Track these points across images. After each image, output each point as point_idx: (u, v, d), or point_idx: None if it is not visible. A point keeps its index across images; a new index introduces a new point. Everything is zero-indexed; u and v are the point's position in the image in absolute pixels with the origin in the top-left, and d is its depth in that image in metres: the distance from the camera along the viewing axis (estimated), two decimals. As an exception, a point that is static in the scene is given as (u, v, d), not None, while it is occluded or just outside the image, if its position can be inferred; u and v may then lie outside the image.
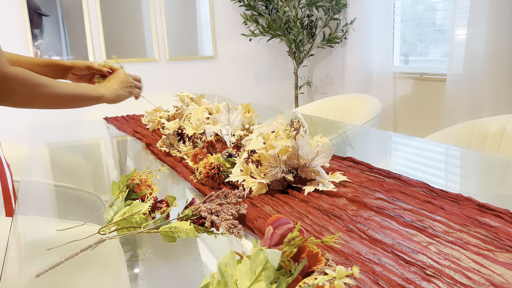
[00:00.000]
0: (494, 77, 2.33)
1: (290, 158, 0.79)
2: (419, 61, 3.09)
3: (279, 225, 0.44)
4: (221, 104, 1.27)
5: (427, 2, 2.93)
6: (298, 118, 0.93)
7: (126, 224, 0.64)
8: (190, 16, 3.38)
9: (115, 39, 3.12)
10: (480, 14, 2.33)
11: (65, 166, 1.27)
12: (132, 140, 1.42)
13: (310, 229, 0.63)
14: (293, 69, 3.61)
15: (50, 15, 2.89)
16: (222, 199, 0.69)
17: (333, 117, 2.09)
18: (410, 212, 0.67)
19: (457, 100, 2.54)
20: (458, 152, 1.15)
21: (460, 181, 0.92)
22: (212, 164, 0.85)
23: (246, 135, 1.17)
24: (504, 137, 1.29)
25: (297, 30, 3.26)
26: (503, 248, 0.55)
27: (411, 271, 0.50)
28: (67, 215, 0.84)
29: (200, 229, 0.64)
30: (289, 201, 0.75)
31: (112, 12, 3.09)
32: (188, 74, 3.39)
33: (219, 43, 3.45)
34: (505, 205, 0.67)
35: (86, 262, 0.59)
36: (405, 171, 0.94)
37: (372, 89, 3.22)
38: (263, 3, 3.35)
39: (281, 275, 0.41)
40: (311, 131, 1.44)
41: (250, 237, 0.65)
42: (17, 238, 0.70)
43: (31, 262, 0.62)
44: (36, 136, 1.61)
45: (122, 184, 0.72)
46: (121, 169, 1.12)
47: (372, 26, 3.16)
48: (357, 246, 0.57)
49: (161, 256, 0.61)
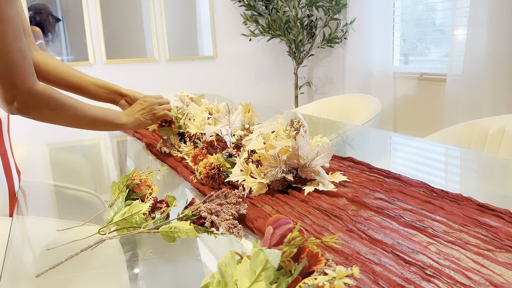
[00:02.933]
0: (494, 77, 2.33)
1: (290, 158, 0.79)
2: (419, 61, 3.09)
3: (279, 225, 0.44)
4: (221, 104, 1.27)
5: (427, 2, 2.93)
6: (298, 118, 0.93)
7: (126, 224, 0.64)
8: (190, 16, 3.38)
9: (115, 39, 3.12)
10: (480, 14, 2.33)
11: (65, 166, 1.28)
12: (132, 140, 1.42)
13: (310, 229, 0.63)
14: (293, 69, 3.61)
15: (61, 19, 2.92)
16: (222, 199, 0.69)
17: (333, 117, 2.09)
18: (410, 212, 0.67)
19: (457, 100, 2.54)
20: (458, 152, 1.15)
21: (460, 181, 0.92)
22: (212, 164, 0.85)
23: (246, 135, 1.17)
24: (504, 137, 1.29)
25: (297, 30, 3.26)
26: (503, 248, 0.55)
27: (411, 271, 0.50)
28: (67, 215, 0.84)
29: (200, 229, 0.64)
30: (289, 201, 0.75)
31: (112, 12, 3.09)
32: (188, 74, 3.39)
33: (219, 43, 3.45)
34: (505, 205, 0.67)
35: (86, 262, 0.59)
36: (405, 171, 0.94)
37: (372, 89, 3.22)
38: (263, 3, 3.35)
39: (281, 275, 0.41)
40: (311, 131, 1.44)
41: (250, 237, 0.65)
42: (17, 238, 0.70)
43: (31, 262, 0.62)
44: (36, 136, 1.61)
45: (122, 184, 0.72)
46: (121, 169, 1.12)
47: (372, 26, 3.16)
48: (357, 246, 0.57)
49: (161, 256, 0.61)
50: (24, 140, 1.65)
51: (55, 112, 0.82)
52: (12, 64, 0.72)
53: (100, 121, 0.92)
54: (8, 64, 0.72)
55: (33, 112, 0.79)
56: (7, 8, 0.69)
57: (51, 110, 0.81)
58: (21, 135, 1.82)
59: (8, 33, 0.70)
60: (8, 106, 0.76)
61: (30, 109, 0.78)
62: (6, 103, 0.76)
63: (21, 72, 0.74)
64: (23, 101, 0.76)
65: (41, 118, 0.82)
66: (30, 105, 0.78)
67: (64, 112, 0.84)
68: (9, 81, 0.73)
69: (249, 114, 1.24)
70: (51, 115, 0.83)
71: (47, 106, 0.80)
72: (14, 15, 0.71)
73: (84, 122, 0.89)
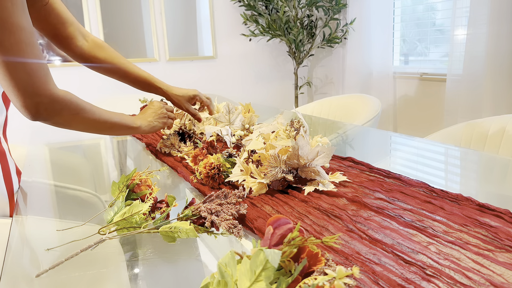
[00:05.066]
0: (494, 77, 2.33)
1: (290, 158, 0.79)
2: (419, 61, 3.09)
3: (279, 225, 0.44)
4: (221, 104, 1.27)
5: (427, 2, 2.93)
6: (298, 118, 0.93)
7: (126, 224, 0.64)
8: (190, 16, 3.38)
9: (115, 39, 3.12)
10: (480, 14, 2.33)
11: (65, 166, 1.28)
12: (132, 140, 1.42)
13: (310, 229, 0.63)
14: (293, 69, 3.61)
15: None
16: (222, 199, 0.69)
17: (333, 117, 2.09)
18: (410, 212, 0.67)
19: (457, 100, 2.54)
20: (458, 152, 1.15)
21: (460, 181, 0.92)
22: (212, 164, 0.85)
23: (246, 135, 1.18)
24: (504, 137, 1.29)
25: (297, 30, 3.26)
26: (503, 248, 0.55)
27: (411, 271, 0.50)
28: (67, 215, 0.84)
29: (200, 229, 0.64)
30: (289, 201, 0.75)
31: (112, 12, 3.09)
32: (188, 74, 3.39)
33: (219, 43, 3.45)
34: (505, 205, 0.67)
35: (86, 262, 0.59)
36: (405, 171, 0.94)
37: (372, 89, 3.22)
38: (263, 3, 3.35)
39: (281, 275, 0.41)
40: (311, 131, 1.44)
41: (250, 237, 0.65)
42: (17, 238, 0.70)
43: (31, 262, 0.62)
44: (36, 136, 1.61)
45: (122, 184, 0.72)
46: (121, 169, 1.12)
47: (372, 26, 3.16)
48: (357, 246, 0.57)
49: (161, 256, 0.61)
50: (24, 140, 1.65)
51: (75, 117, 0.83)
52: (31, 71, 0.72)
53: (117, 125, 0.94)
54: (27, 72, 0.72)
55: (55, 117, 0.80)
56: (18, 16, 0.69)
57: (72, 114, 0.82)
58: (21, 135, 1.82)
59: (22, 41, 0.70)
60: (31, 113, 0.76)
61: (53, 114, 0.79)
62: (28, 111, 0.76)
63: (42, 79, 0.74)
64: (47, 107, 0.77)
65: (62, 123, 0.83)
66: (53, 110, 0.78)
67: (83, 116, 0.85)
68: (31, 89, 0.73)
69: (249, 114, 1.24)
70: (72, 120, 0.83)
71: (68, 111, 0.81)
72: (25, 23, 0.71)
73: (102, 126, 0.90)
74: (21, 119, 1.03)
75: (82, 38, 1.07)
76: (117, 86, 1.85)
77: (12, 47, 0.70)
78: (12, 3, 0.68)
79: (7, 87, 0.73)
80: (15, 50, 0.70)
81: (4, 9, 0.67)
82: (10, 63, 0.70)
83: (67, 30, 1.04)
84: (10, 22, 0.68)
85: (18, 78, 0.72)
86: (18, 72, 0.71)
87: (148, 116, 1.06)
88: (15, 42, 0.70)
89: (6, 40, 0.69)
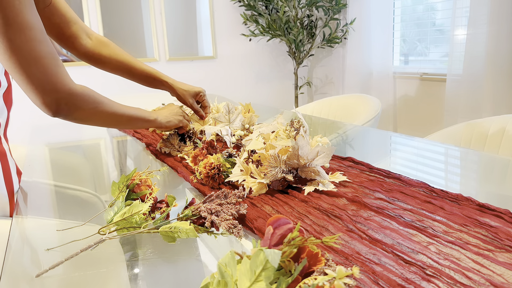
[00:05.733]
0: (494, 77, 2.34)
1: (290, 158, 0.79)
2: (419, 61, 3.09)
3: (279, 225, 0.44)
4: (221, 104, 1.27)
5: (427, 2, 2.93)
6: (298, 118, 0.93)
7: (126, 224, 0.64)
8: (190, 16, 3.38)
9: (115, 39, 3.11)
10: (480, 14, 2.33)
11: (65, 166, 1.28)
12: (132, 140, 1.42)
13: (310, 229, 0.63)
14: (293, 69, 3.61)
15: None
16: (222, 199, 0.69)
17: (333, 117, 2.09)
18: (410, 212, 0.67)
19: (457, 100, 2.54)
20: (458, 152, 1.15)
21: (460, 181, 0.92)
22: (212, 164, 0.85)
23: (246, 135, 1.18)
24: (504, 137, 1.29)
25: (297, 30, 3.26)
26: (503, 248, 0.55)
27: (411, 271, 0.50)
28: (67, 215, 0.84)
29: (200, 229, 0.64)
30: (289, 201, 0.75)
31: (112, 12, 3.09)
32: (188, 74, 3.39)
33: (219, 43, 3.45)
34: (505, 205, 0.67)
35: (86, 262, 0.59)
36: (405, 171, 0.94)
37: (372, 89, 3.22)
38: (263, 3, 3.35)
39: (281, 275, 0.41)
40: (311, 131, 1.44)
41: (250, 237, 0.65)
42: (17, 238, 0.70)
43: (31, 262, 0.62)
44: (36, 136, 1.61)
45: (122, 184, 0.72)
46: (121, 169, 1.12)
47: (372, 26, 3.16)
48: (357, 246, 0.57)
49: (161, 256, 0.61)
50: (24, 140, 1.65)
51: (95, 110, 0.83)
52: (47, 68, 0.72)
53: (135, 118, 0.95)
54: (43, 69, 0.72)
55: (76, 111, 0.80)
56: (27, 14, 0.69)
57: (92, 108, 0.82)
58: (21, 135, 1.82)
59: (33, 39, 0.70)
60: (51, 110, 0.76)
61: (73, 109, 0.79)
62: (49, 108, 0.76)
63: (59, 75, 0.74)
64: (67, 102, 0.77)
65: (83, 117, 0.83)
66: (73, 105, 0.78)
67: (103, 109, 0.85)
68: (49, 86, 0.73)
69: (249, 114, 1.24)
70: (92, 114, 0.84)
71: (87, 105, 0.81)
72: (35, 20, 0.71)
73: (120, 119, 0.91)
74: (21, 119, 1.03)
75: (86, 36, 1.07)
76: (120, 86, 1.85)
77: (24, 46, 0.69)
78: (19, 1, 0.68)
79: (25, 86, 0.73)
80: (27, 49, 0.70)
81: (12, 8, 0.67)
82: (24, 62, 0.70)
83: (71, 29, 1.04)
84: (18, 21, 0.68)
85: (34, 76, 0.72)
86: (33, 71, 0.71)
87: (164, 112, 1.08)
88: (26, 41, 0.69)
89: (16, 39, 0.68)
